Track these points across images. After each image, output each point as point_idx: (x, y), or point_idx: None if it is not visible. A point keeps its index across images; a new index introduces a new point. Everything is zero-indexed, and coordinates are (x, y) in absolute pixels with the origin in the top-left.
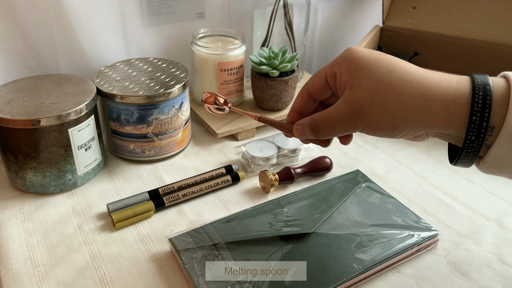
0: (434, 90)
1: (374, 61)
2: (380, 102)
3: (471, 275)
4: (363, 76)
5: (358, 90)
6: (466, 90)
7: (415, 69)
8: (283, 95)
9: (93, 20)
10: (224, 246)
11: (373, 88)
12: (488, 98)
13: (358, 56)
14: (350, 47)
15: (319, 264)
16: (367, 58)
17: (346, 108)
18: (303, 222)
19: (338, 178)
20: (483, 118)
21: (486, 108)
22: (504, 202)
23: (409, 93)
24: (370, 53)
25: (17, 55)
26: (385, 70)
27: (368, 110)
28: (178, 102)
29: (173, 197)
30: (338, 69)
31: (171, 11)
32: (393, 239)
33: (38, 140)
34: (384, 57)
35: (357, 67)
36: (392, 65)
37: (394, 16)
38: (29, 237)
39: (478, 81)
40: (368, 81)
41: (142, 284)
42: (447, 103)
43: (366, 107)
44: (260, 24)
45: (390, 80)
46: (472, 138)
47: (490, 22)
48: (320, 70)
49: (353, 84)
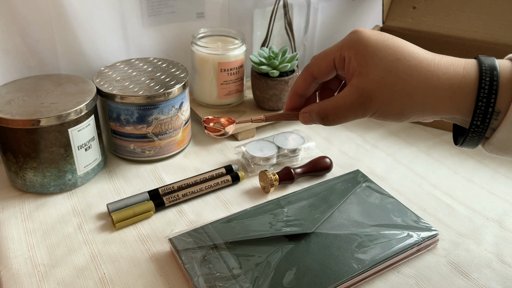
0: (441, 77)
1: (382, 48)
2: (388, 91)
3: (471, 275)
4: (371, 64)
5: (366, 79)
6: (473, 76)
7: (423, 55)
8: (283, 95)
9: (93, 20)
10: (224, 246)
11: (381, 76)
12: (494, 84)
13: (367, 41)
14: (358, 30)
15: (319, 264)
16: (375, 44)
17: (355, 96)
18: (303, 222)
19: (338, 178)
20: (489, 104)
21: (492, 94)
22: (504, 202)
23: (417, 81)
24: (378, 38)
25: (17, 55)
26: (393, 57)
27: (377, 98)
28: (178, 102)
29: (173, 197)
30: (347, 54)
31: (171, 11)
32: (393, 239)
33: (38, 140)
34: (392, 42)
35: (365, 53)
36: (400, 51)
37: (394, 16)
38: (29, 237)
39: (485, 66)
40: (376, 69)
41: (142, 284)
42: (453, 89)
43: (375, 95)
44: (260, 24)
45: (398, 68)
46: (478, 123)
47: (490, 22)
48: (325, 53)
49: (361, 72)
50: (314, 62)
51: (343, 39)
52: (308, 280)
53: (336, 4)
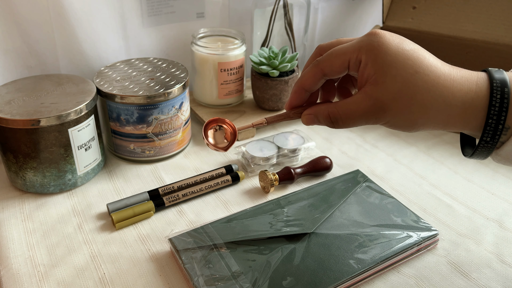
0: (456, 94)
1: (402, 58)
2: (403, 104)
3: (471, 275)
4: (388, 75)
5: (382, 89)
6: (484, 94)
7: (440, 69)
8: (283, 95)
9: (93, 20)
10: (224, 246)
11: (398, 89)
12: (505, 102)
13: (387, 49)
14: (379, 33)
15: (319, 264)
16: (395, 54)
17: (368, 104)
18: (303, 222)
19: (338, 178)
20: (499, 121)
21: (502, 111)
22: (504, 202)
23: (433, 97)
24: (398, 46)
25: (17, 55)
26: (412, 70)
27: (391, 109)
28: (178, 102)
29: (173, 197)
30: (365, 58)
31: (171, 11)
32: (393, 239)
33: (38, 140)
34: (412, 53)
35: (384, 62)
36: (419, 64)
37: (394, 16)
38: (29, 237)
39: (496, 82)
40: (394, 81)
41: (142, 284)
42: (465, 107)
43: (389, 107)
44: (260, 24)
45: (416, 82)
46: (487, 139)
47: (490, 22)
48: (341, 52)
49: (377, 80)
50: (327, 59)
51: (361, 39)
52: (308, 280)
53: (336, 4)
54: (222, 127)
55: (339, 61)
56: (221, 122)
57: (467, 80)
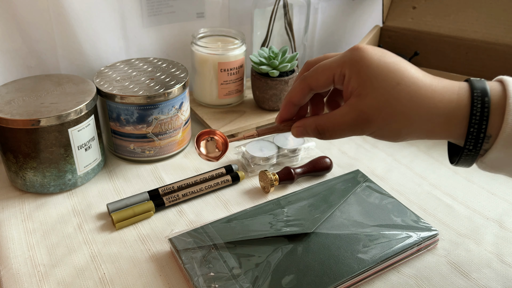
0: (438, 104)
1: (384, 70)
2: (387, 115)
3: (471, 275)
4: (371, 87)
5: (366, 101)
6: (465, 103)
7: (422, 80)
8: (283, 95)
9: (93, 20)
10: (224, 246)
11: (381, 100)
12: (486, 111)
13: (369, 62)
14: (360, 47)
15: (319, 264)
16: (377, 66)
17: (353, 116)
18: (303, 222)
19: (338, 178)
20: (481, 130)
21: (483, 120)
22: (504, 202)
23: (416, 107)
24: (380, 59)
25: (17, 55)
26: (394, 81)
27: (375, 120)
28: (178, 102)
29: (173, 197)
30: (348, 72)
31: (171, 11)
32: (393, 239)
33: (38, 140)
34: (393, 65)
35: (366, 75)
36: (401, 75)
37: (394, 16)
38: (29, 237)
39: (477, 92)
40: (377, 92)
41: (142, 284)
42: (448, 116)
43: (373, 118)
44: (260, 24)
45: (399, 93)
46: (470, 148)
47: (490, 22)
48: (325, 67)
49: (361, 93)
50: (313, 74)
51: (345, 54)
52: (308, 280)
53: (336, 4)
54: (213, 138)
55: (324, 75)
56: (213, 134)
57: (449, 90)
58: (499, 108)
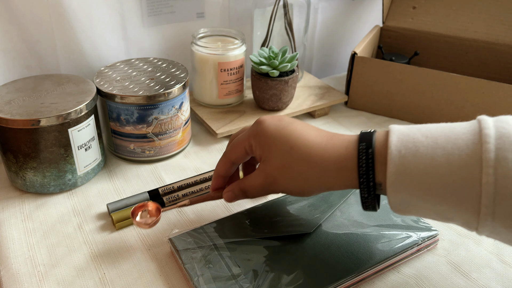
0: (329, 160)
1: (279, 137)
2: (287, 175)
3: (471, 275)
4: (270, 153)
5: (268, 165)
6: (353, 155)
7: (314, 141)
8: (283, 95)
9: (93, 20)
10: (224, 246)
11: (279, 164)
12: (370, 162)
13: (266, 132)
14: (261, 120)
15: (319, 264)
16: (272, 135)
17: (262, 179)
18: (303, 222)
19: None
20: (369, 179)
21: (370, 170)
22: None
23: (309, 167)
24: (275, 129)
25: (17, 55)
26: (287, 146)
27: (279, 181)
28: (178, 102)
29: (173, 197)
30: (253, 143)
31: (171, 11)
32: (393, 239)
33: (38, 140)
34: (286, 131)
35: (265, 143)
36: (294, 140)
37: (394, 16)
38: (29, 237)
39: (362, 145)
40: (275, 157)
41: (142, 284)
42: (340, 171)
43: (277, 179)
44: (260, 24)
45: (292, 157)
46: (366, 196)
47: (490, 22)
48: (237, 142)
49: (265, 159)
50: (230, 149)
51: (251, 128)
52: (308, 280)
53: (336, 4)
54: (147, 209)
55: (238, 150)
56: (145, 206)
57: (339, 146)
58: (383, 158)
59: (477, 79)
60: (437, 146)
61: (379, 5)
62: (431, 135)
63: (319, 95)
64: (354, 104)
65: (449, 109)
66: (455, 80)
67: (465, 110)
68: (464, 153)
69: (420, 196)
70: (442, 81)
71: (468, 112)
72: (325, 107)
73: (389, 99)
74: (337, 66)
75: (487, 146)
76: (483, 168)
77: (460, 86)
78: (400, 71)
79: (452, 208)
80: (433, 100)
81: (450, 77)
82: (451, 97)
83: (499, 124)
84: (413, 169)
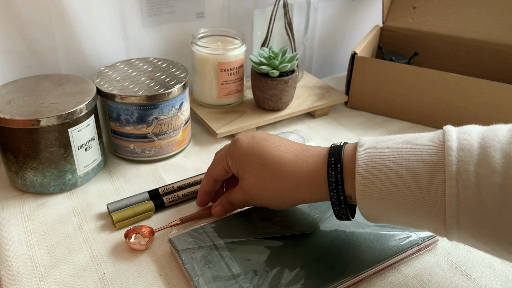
0: (299, 176)
1: (251, 155)
2: (262, 192)
3: (471, 275)
4: (245, 170)
5: (244, 183)
6: (323, 171)
7: (284, 157)
8: (283, 95)
9: (93, 20)
10: (224, 246)
11: (253, 182)
12: (339, 176)
13: (240, 150)
14: (236, 139)
15: (319, 264)
16: (245, 152)
17: (242, 194)
18: (303, 222)
19: None
20: (339, 193)
21: (339, 184)
22: None
23: (280, 183)
24: (248, 146)
25: (17, 55)
26: (259, 164)
27: (256, 197)
28: (178, 102)
29: (173, 197)
30: (230, 161)
31: (171, 11)
32: (393, 239)
33: (38, 140)
34: (258, 149)
35: (239, 161)
36: (265, 158)
37: (394, 16)
38: (29, 237)
39: (331, 161)
40: (249, 175)
41: (142, 284)
42: (311, 185)
43: (254, 195)
44: (260, 24)
45: (264, 174)
46: (337, 208)
47: (490, 22)
48: (217, 161)
49: (241, 176)
50: (211, 167)
51: (228, 147)
52: (308, 280)
53: (336, 4)
54: (140, 232)
55: (219, 168)
56: (139, 229)
57: (308, 162)
58: (351, 172)
59: (477, 79)
60: (403, 160)
61: (379, 5)
62: (397, 148)
63: (319, 95)
64: (354, 104)
65: (449, 109)
66: (455, 80)
67: (465, 110)
68: (428, 165)
69: (388, 208)
70: (442, 81)
71: (468, 112)
72: (325, 107)
73: (389, 99)
74: (337, 66)
75: (449, 159)
76: (446, 181)
77: (460, 86)
78: (400, 71)
79: (420, 217)
80: (433, 100)
81: (450, 77)
82: (451, 97)
83: (462, 136)
84: (380, 182)
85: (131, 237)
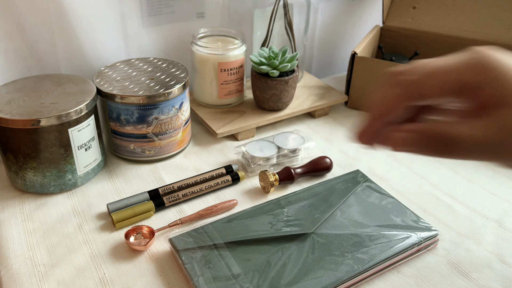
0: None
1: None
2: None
3: (471, 275)
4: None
5: (506, 115)
6: None
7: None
8: (283, 95)
9: (93, 20)
10: (224, 246)
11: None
12: None
13: (502, 67)
14: (479, 50)
15: (319, 264)
16: (509, 69)
17: (491, 131)
18: (303, 222)
19: (338, 178)
20: None
21: None
22: (504, 202)
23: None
24: (508, 61)
25: (17, 55)
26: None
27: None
28: (178, 102)
29: (173, 197)
30: (476, 79)
31: (171, 11)
32: (393, 239)
33: (38, 140)
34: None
35: (505, 82)
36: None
37: (394, 16)
38: (29, 237)
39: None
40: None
41: (142, 284)
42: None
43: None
44: (260, 24)
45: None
46: None
47: (490, 22)
48: (430, 75)
49: (502, 103)
50: (413, 84)
51: (457, 59)
52: (308, 280)
53: (336, 4)
54: (140, 232)
55: (432, 88)
56: (139, 229)
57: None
58: None
59: None
60: None
61: (379, 5)
62: None
63: (319, 95)
64: (354, 104)
65: None
66: None
67: None
68: None
69: None
70: None
71: None
72: (325, 107)
73: None
74: (337, 66)
75: None
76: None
77: None
78: None
79: None
80: None
81: None
82: None
83: None
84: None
85: (131, 237)
